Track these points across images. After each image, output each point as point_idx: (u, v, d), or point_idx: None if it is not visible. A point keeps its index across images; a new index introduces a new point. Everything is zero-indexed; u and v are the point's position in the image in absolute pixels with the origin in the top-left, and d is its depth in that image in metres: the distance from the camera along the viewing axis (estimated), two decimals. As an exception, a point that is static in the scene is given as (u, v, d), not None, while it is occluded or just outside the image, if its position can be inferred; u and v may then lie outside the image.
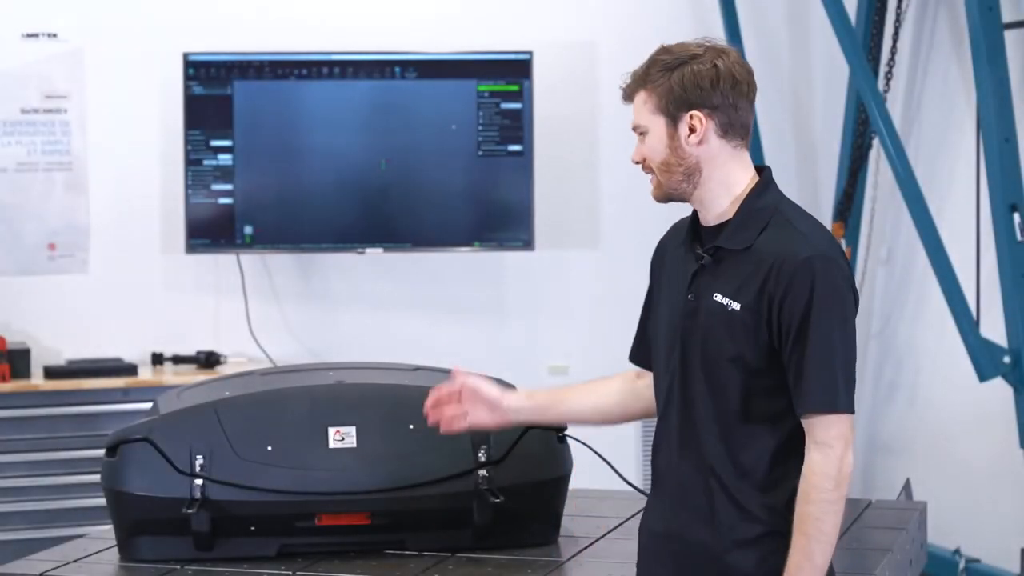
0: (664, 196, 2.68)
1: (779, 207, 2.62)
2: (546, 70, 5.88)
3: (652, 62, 2.63)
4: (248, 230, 5.65)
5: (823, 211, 6.38)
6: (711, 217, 2.66)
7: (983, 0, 5.06)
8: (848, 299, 2.53)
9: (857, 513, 3.73)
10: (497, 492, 3.23)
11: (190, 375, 5.49)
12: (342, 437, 3.27)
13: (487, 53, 5.78)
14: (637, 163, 2.68)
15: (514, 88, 5.74)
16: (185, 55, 5.59)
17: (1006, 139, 5.07)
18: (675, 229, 2.80)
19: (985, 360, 5.13)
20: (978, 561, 5.49)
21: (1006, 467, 5.45)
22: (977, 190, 5.44)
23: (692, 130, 2.60)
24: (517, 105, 5.73)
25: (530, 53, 5.75)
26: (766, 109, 6.22)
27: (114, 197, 5.75)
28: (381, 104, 5.71)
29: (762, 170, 2.68)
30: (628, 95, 2.66)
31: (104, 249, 5.74)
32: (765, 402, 2.57)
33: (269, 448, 3.24)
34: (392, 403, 3.34)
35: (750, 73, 2.69)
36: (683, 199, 2.67)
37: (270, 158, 5.68)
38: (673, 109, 2.60)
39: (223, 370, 5.58)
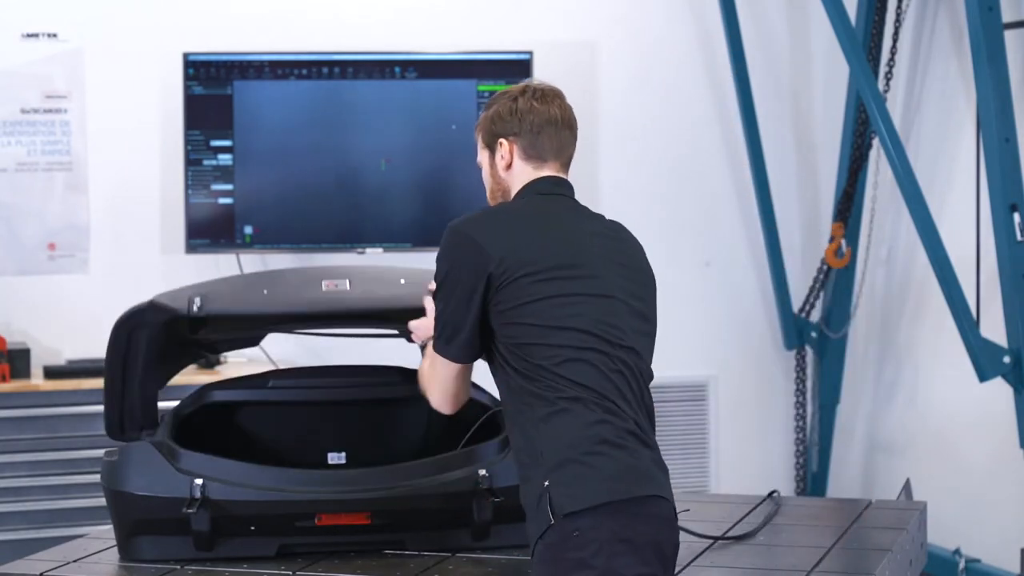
0: None
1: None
2: (546, 70, 5.88)
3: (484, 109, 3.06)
4: (248, 230, 5.65)
5: (823, 211, 6.38)
6: None
7: (983, 0, 5.06)
8: (445, 255, 2.95)
9: (857, 513, 3.73)
10: (497, 492, 3.23)
11: (190, 375, 5.48)
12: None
13: (487, 53, 5.78)
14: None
15: (514, 88, 5.74)
16: (185, 55, 5.59)
17: (1006, 139, 5.07)
18: None
19: (985, 360, 5.13)
20: (978, 561, 5.49)
21: (1006, 467, 5.45)
22: (977, 190, 5.44)
23: (502, 157, 3.01)
24: (517, 105, 5.72)
25: (530, 53, 5.75)
26: (766, 109, 6.23)
27: (114, 197, 5.75)
28: (381, 104, 5.71)
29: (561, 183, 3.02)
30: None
31: (104, 249, 5.74)
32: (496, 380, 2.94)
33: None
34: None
35: (560, 108, 3.01)
36: None
37: (270, 158, 5.68)
38: (488, 140, 3.03)
39: (223, 370, 5.58)
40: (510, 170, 3.00)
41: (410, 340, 3.26)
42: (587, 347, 2.80)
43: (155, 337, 3.34)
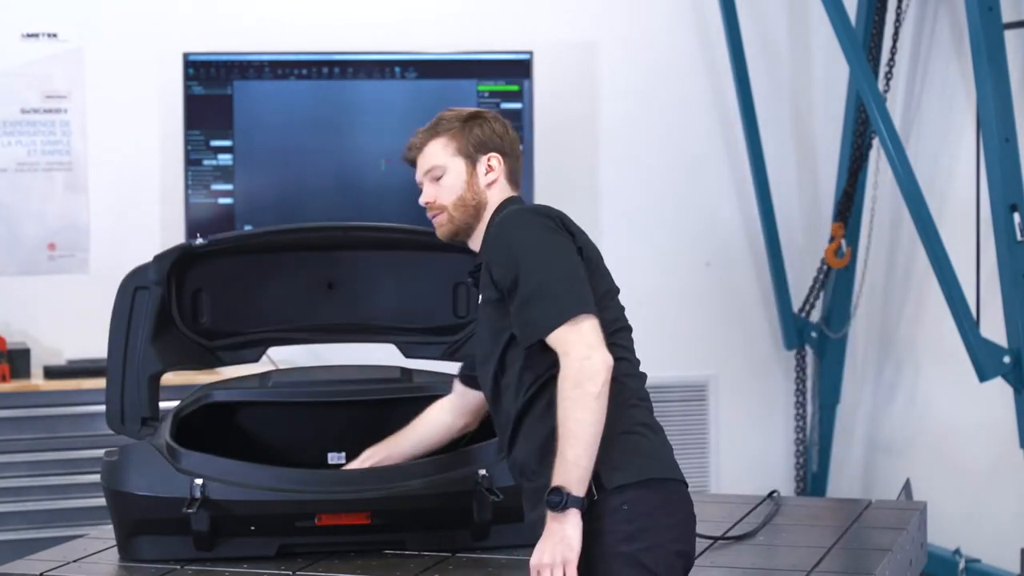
0: (451, 233, 3.04)
1: (502, 218, 2.89)
2: (546, 70, 5.88)
3: (441, 118, 3.07)
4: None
5: (823, 211, 6.38)
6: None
7: (983, 0, 5.06)
8: (533, 232, 2.80)
9: (857, 513, 3.73)
10: (496, 491, 3.23)
11: (190, 375, 5.48)
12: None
13: (487, 53, 5.78)
14: (426, 204, 3.06)
15: (514, 88, 5.74)
16: (185, 55, 5.59)
17: (1006, 139, 5.07)
18: None
19: (985, 360, 5.13)
20: (978, 561, 5.49)
21: (1006, 467, 5.45)
22: (977, 190, 5.44)
23: (489, 169, 2.99)
24: (517, 105, 5.73)
25: (530, 53, 5.75)
26: (766, 109, 6.22)
27: (114, 197, 5.75)
28: (381, 104, 5.71)
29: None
30: (419, 146, 3.06)
31: (104, 249, 5.73)
32: (517, 375, 2.83)
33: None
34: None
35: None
36: (467, 236, 3.01)
37: (270, 158, 5.68)
38: (474, 151, 3.00)
39: (223, 370, 5.57)
40: (493, 187, 3.01)
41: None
42: (624, 337, 2.88)
43: (158, 307, 3.37)
